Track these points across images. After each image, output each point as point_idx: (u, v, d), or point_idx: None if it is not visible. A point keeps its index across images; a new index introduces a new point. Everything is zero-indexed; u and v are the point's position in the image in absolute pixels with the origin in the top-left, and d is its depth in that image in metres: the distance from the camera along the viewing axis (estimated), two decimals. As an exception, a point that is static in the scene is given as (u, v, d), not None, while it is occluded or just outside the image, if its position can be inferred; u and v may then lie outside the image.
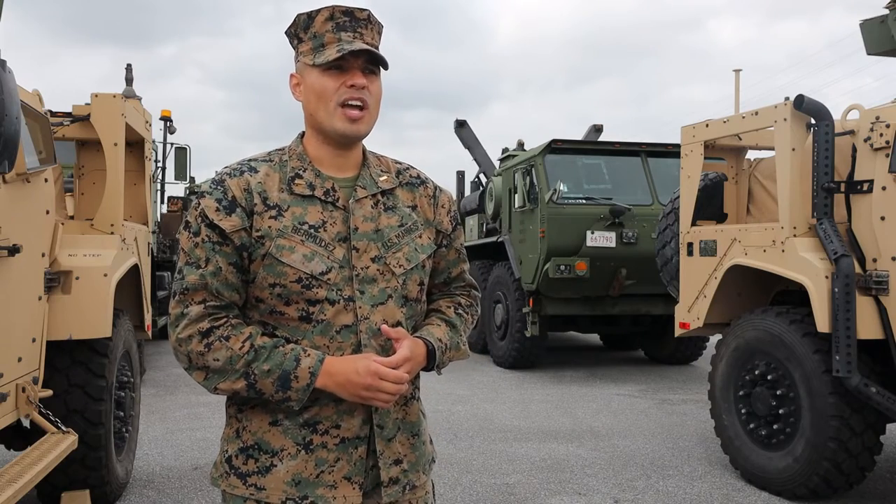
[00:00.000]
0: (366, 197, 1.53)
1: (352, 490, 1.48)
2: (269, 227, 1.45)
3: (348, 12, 1.47)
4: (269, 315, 1.47)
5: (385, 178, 1.58)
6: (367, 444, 1.51)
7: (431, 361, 1.55)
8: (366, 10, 1.49)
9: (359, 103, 1.47)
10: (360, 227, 1.50)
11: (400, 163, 1.66)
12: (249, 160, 1.53)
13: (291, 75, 1.55)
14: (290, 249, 1.44)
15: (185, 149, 10.72)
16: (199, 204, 1.46)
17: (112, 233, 4.14)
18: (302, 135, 1.58)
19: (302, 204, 1.48)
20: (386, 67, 1.51)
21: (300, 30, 1.50)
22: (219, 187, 1.46)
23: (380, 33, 1.53)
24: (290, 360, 1.41)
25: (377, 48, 1.51)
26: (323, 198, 1.49)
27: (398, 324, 1.52)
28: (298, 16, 1.50)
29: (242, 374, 1.41)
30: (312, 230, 1.46)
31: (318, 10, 1.48)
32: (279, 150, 1.57)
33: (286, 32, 1.55)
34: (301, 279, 1.44)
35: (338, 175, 1.54)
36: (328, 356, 1.44)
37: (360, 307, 1.47)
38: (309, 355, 1.43)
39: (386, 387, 1.41)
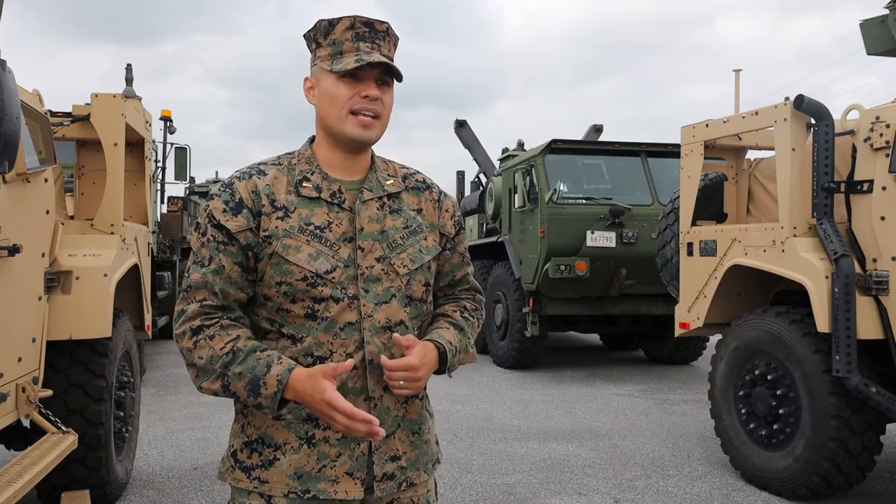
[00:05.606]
0: (372, 199, 1.57)
1: (353, 485, 1.51)
2: (276, 227, 1.49)
3: (368, 23, 1.52)
4: (276, 312, 1.51)
5: (391, 181, 1.62)
6: (370, 440, 1.51)
7: (443, 364, 1.57)
8: (385, 22, 1.54)
9: (371, 114, 1.51)
10: (366, 228, 1.54)
11: (406, 167, 1.70)
12: (259, 164, 1.58)
13: (306, 79, 1.59)
14: (295, 249, 1.48)
15: (185, 149, 10.76)
16: (208, 206, 1.51)
17: (112, 233, 4.14)
18: (312, 139, 1.62)
19: (308, 205, 1.52)
20: (400, 80, 1.55)
21: (320, 35, 1.54)
22: (227, 190, 1.52)
23: (395, 45, 1.58)
24: (261, 366, 1.43)
25: (392, 60, 1.56)
26: (329, 199, 1.54)
27: (401, 322, 1.54)
28: (319, 21, 1.54)
29: (219, 374, 1.44)
30: (318, 230, 1.51)
31: (340, 19, 1.52)
32: (289, 153, 1.61)
33: (305, 36, 1.59)
34: (306, 277, 1.48)
35: (345, 178, 1.58)
36: (297, 368, 1.43)
37: (363, 305, 1.50)
38: (281, 363, 1.43)
39: (338, 418, 1.38)
